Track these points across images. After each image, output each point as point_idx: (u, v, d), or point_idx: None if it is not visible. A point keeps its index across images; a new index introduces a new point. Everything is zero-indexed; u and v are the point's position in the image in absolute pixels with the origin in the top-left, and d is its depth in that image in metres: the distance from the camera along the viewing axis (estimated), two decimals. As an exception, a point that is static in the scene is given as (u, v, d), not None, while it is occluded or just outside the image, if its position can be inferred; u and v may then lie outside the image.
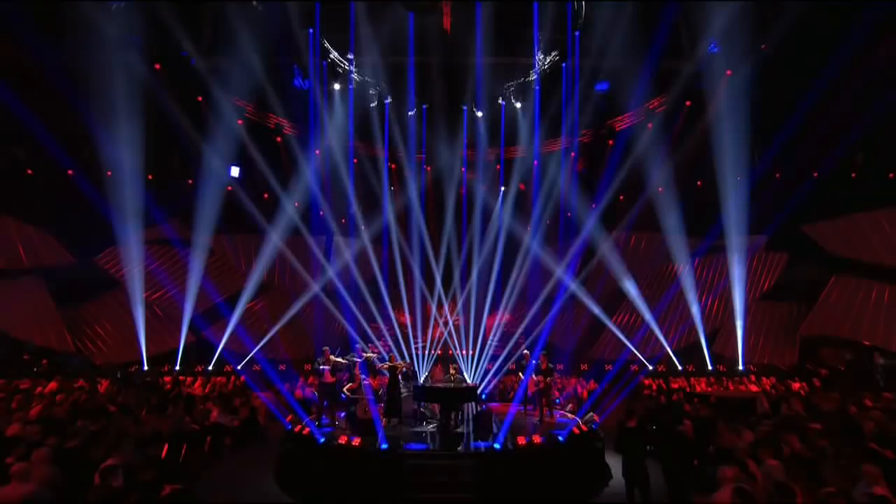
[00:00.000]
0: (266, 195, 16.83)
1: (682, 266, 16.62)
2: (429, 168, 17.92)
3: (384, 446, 7.00)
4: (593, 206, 17.45)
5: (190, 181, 15.83)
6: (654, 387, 14.59)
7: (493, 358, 15.87)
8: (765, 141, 13.61)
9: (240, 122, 15.04)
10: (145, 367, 15.16)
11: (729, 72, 13.05)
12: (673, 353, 16.56)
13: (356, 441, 7.16)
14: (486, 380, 14.21)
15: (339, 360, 9.38)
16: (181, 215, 16.04)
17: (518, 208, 17.48)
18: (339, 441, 7.23)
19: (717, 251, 16.57)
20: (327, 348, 9.59)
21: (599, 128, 16.56)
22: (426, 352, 17.00)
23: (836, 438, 6.85)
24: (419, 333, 17.25)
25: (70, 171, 13.88)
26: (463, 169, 17.22)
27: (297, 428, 7.93)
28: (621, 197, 16.97)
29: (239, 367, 16.46)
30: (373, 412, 8.15)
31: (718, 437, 7.57)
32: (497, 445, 7.05)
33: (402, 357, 15.83)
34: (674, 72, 13.99)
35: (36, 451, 5.52)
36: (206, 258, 16.45)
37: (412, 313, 17.45)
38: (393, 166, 17.86)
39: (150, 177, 14.97)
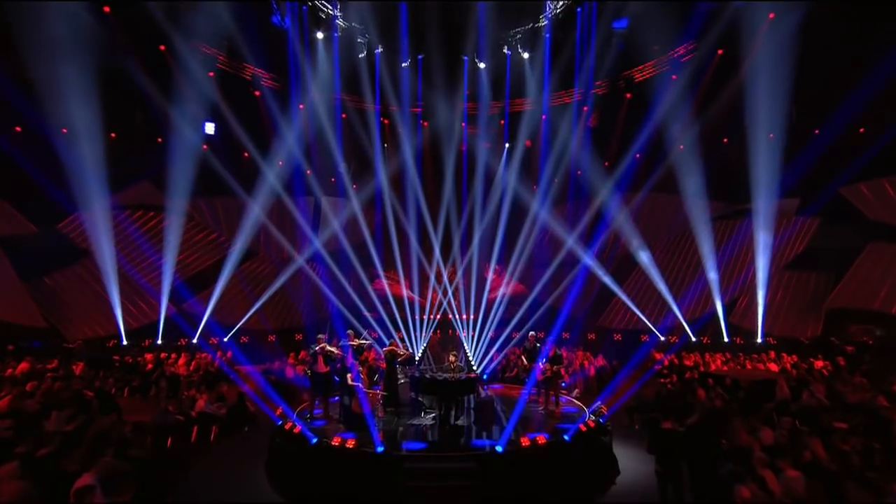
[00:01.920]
0: (246, 154, 16.34)
1: (701, 231, 16.36)
2: (425, 124, 17.32)
3: (380, 449, 7.04)
4: (606, 164, 17.00)
5: (160, 139, 15.22)
6: (666, 362, 14.70)
7: (500, 324, 15.99)
8: (806, 93, 12.81)
9: (211, 73, 14.22)
10: (124, 342, 15.21)
11: (772, 15, 12.13)
12: (687, 323, 16.61)
13: (350, 443, 7.20)
14: (490, 356, 14.36)
15: (332, 349, 9.32)
16: (152, 178, 15.54)
17: (524, 167, 17.07)
18: (333, 443, 7.27)
19: (741, 215, 16.24)
20: (322, 335, 9.54)
21: (617, 79, 15.77)
22: (425, 318, 17.19)
23: (863, 439, 6.89)
24: (416, 301, 17.28)
25: (18, 128, 13.26)
26: (463, 124, 16.70)
27: (288, 425, 7.97)
28: (637, 156, 16.46)
29: (226, 339, 16.68)
30: (364, 407, 8.18)
31: (734, 434, 7.63)
32: (499, 448, 7.09)
33: (398, 330, 16.02)
34: (706, 12, 13.01)
35: (3, 467, 5.50)
36: (182, 224, 16.18)
37: (408, 279, 17.41)
38: (385, 122, 17.23)
39: (112, 136, 14.34)
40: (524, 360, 10.75)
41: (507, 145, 17.39)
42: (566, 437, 7.58)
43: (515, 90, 16.48)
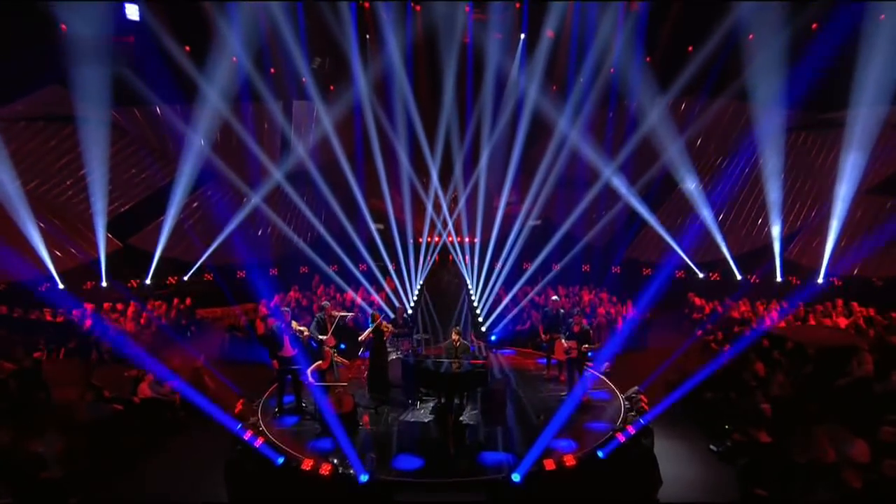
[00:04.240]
0: (187, 48, 14.22)
1: (768, 145, 14.76)
2: (418, 8, 15.19)
3: (363, 478, 6.09)
4: (647, 60, 15.33)
5: (63, 26, 12.90)
6: (707, 310, 13.74)
7: (518, 257, 15.25)
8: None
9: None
10: (60, 286, 14.13)
11: None
12: (733, 258, 15.61)
13: (325, 468, 6.24)
14: (503, 306, 13.37)
15: (303, 328, 8.24)
16: (62, 80, 13.45)
17: (548, 66, 15.20)
18: (303, 466, 6.33)
19: (826, 126, 14.65)
20: (287, 310, 8.48)
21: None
22: (421, 241, 16.72)
23: None
24: (407, 221, 16.30)
25: None
26: (467, 8, 14.69)
27: (249, 434, 6.99)
28: (690, 48, 14.47)
29: (185, 278, 15.95)
30: (326, 414, 7.21)
31: (814, 444, 6.68)
32: (517, 477, 6.13)
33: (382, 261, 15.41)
34: None
35: None
36: (110, 139, 14.55)
37: (396, 204, 16.21)
38: (366, 6, 15.09)
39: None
40: (541, 330, 9.72)
41: (523, 36, 15.39)
42: (601, 454, 6.63)
43: (537, -39, 14.42)
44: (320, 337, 8.34)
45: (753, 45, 13.48)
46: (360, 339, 8.83)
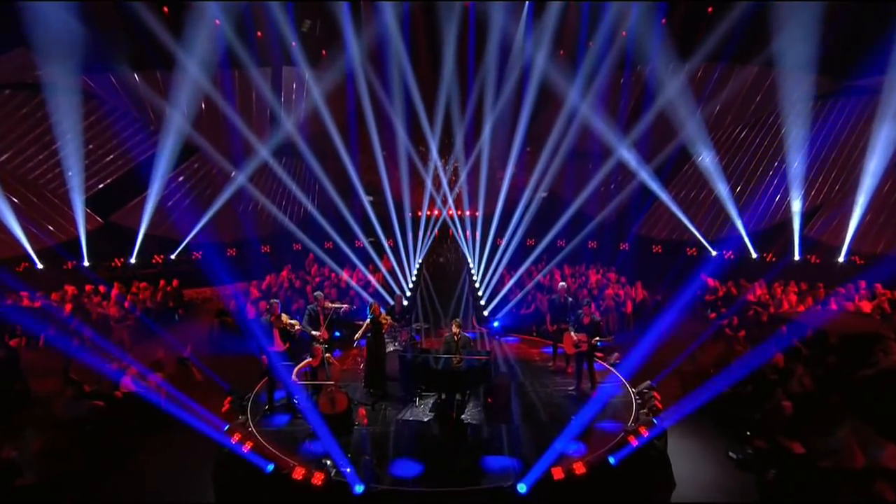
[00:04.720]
0: (165, 9, 13.60)
1: (791, 113, 14.28)
2: None
3: (358, 489, 5.83)
4: (664, 22, 14.64)
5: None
6: (721, 292, 13.37)
7: (525, 235, 14.97)
8: None
9: None
10: (38, 265, 13.77)
11: None
12: (748, 236, 15.26)
13: (317, 478, 5.96)
14: (507, 288, 13.02)
15: (293, 321, 7.87)
16: (28, 44, 12.67)
17: (556, 30, 14.46)
18: (294, 475, 6.04)
19: (854, 94, 14.00)
20: (276, 301, 8.06)
21: None
22: (421, 215, 16.47)
23: None
24: (404, 195, 16.04)
25: None
26: None
27: (237, 437, 6.69)
28: (710, 9, 13.87)
29: (172, 257, 15.72)
30: (314, 422, 6.91)
31: (842, 449, 6.41)
32: (523, 488, 5.85)
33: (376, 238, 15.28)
34: None
35: None
36: (87, 109, 14.23)
37: (393, 177, 15.75)
38: None
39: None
40: (548, 320, 9.38)
41: (528, -1, 14.74)
42: (612, 461, 6.34)
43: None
44: (313, 332, 7.99)
45: (779, 7, 12.76)
46: (356, 336, 8.48)
